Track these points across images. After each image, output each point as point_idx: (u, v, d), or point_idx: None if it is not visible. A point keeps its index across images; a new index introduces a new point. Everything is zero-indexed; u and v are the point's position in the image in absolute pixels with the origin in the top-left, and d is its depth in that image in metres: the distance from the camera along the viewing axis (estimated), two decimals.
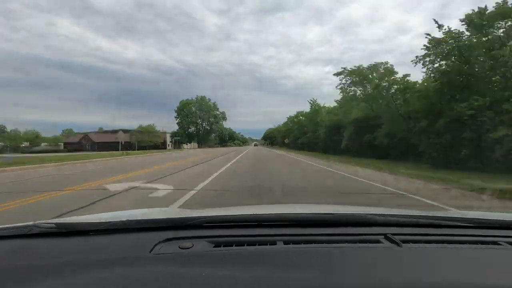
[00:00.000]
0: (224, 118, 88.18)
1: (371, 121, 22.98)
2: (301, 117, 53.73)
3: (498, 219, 1.33)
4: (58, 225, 1.09)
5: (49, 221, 1.11)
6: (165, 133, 65.14)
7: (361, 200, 6.11)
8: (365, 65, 24.84)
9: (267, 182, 8.44)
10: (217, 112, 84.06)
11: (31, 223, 1.10)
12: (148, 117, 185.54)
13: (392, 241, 1.04)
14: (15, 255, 0.96)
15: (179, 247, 0.98)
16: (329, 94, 60.60)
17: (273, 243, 1.04)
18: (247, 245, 1.02)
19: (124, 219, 1.15)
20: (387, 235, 1.09)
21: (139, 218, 1.26)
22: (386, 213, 1.38)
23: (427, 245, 1.07)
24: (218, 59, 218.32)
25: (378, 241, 1.07)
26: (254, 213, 1.34)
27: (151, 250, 0.95)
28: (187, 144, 75.50)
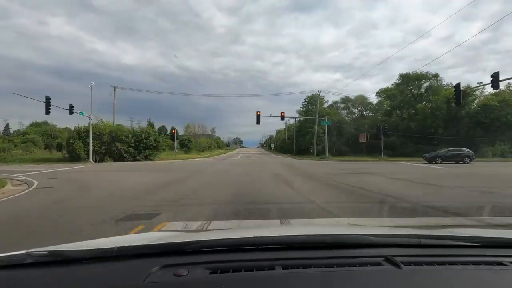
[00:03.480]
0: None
1: None
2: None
3: (501, 237, 1.32)
4: (51, 253, 1.08)
5: (42, 249, 1.10)
6: None
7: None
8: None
9: None
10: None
11: (23, 251, 1.07)
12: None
13: (393, 263, 1.03)
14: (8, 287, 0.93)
15: (174, 274, 0.96)
16: (334, 102, 60.84)
17: (271, 267, 1.02)
18: (244, 271, 1.00)
19: (119, 245, 1.14)
20: (388, 257, 1.07)
21: (134, 244, 1.23)
22: (386, 233, 1.37)
23: (430, 267, 1.05)
24: (222, 65, 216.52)
25: (378, 264, 1.05)
26: (251, 236, 1.29)
27: (145, 279, 0.93)
28: None
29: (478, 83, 18.91)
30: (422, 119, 39.53)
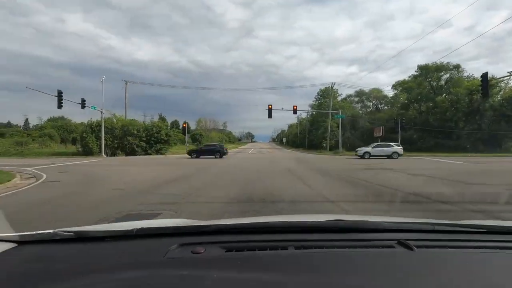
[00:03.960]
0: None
1: None
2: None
3: (509, 225, 1.31)
4: (76, 233, 1.15)
5: (69, 229, 1.17)
6: None
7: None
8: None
9: None
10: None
11: (51, 231, 1.15)
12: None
13: (406, 246, 1.03)
14: (37, 260, 1.01)
15: (191, 251, 1.01)
16: (348, 95, 59.18)
17: (285, 248, 1.05)
18: (258, 250, 1.04)
19: (139, 227, 1.18)
20: (400, 240, 1.08)
21: (152, 225, 1.29)
22: (397, 221, 1.38)
23: (442, 250, 1.06)
24: (234, 60, 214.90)
25: (391, 246, 1.06)
26: (266, 221, 1.35)
27: (165, 254, 0.98)
28: None
29: (508, 72, 17.45)
30: (442, 112, 37.67)
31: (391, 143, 26.48)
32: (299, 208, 5.77)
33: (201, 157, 24.71)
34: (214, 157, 24.57)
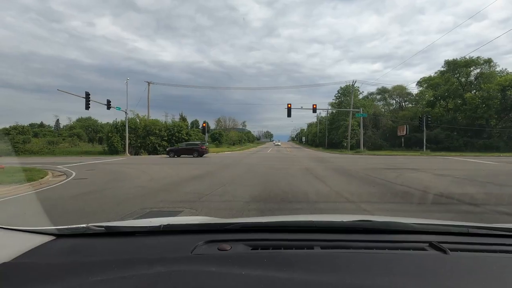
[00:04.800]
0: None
1: None
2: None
3: None
4: (107, 228, 1.21)
5: (100, 224, 1.23)
6: None
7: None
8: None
9: None
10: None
11: (84, 225, 1.22)
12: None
13: (438, 249, 1.00)
14: (72, 252, 1.06)
15: (218, 248, 1.02)
16: (370, 93, 57.61)
17: (310, 247, 1.04)
18: (284, 249, 1.04)
19: (165, 223, 1.23)
20: (432, 242, 1.04)
21: (179, 222, 1.34)
22: (427, 223, 1.33)
23: (477, 254, 1.02)
24: (256, 60, 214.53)
25: (422, 249, 1.03)
26: (292, 220, 1.34)
27: (192, 250, 1.01)
28: None
29: None
30: (471, 109, 35.65)
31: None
32: (318, 208, 5.69)
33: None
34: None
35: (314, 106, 30.87)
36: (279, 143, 58.90)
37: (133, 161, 20.48)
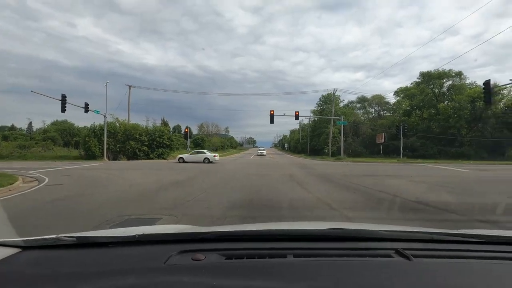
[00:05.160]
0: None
1: None
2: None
3: (508, 235, 1.29)
4: (78, 238, 1.16)
5: (71, 234, 1.18)
6: None
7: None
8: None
9: None
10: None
11: (54, 236, 1.16)
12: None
13: (403, 256, 1.04)
14: (40, 264, 1.03)
15: (192, 258, 1.02)
16: (350, 101, 59.26)
17: (283, 256, 1.06)
18: (257, 258, 1.05)
19: (140, 233, 1.20)
20: (398, 249, 1.08)
21: (153, 232, 1.30)
22: (398, 229, 1.37)
23: (439, 260, 1.05)
24: (241, 66, 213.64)
25: (388, 256, 1.07)
26: (265, 228, 1.35)
27: (165, 261, 0.99)
28: None
29: (511, 79, 17.40)
30: (444, 119, 37.60)
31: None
32: (300, 215, 5.73)
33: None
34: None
35: (297, 113, 31.33)
36: (263, 151, 49.39)
37: (112, 167, 19.77)
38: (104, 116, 29.16)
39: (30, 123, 72.87)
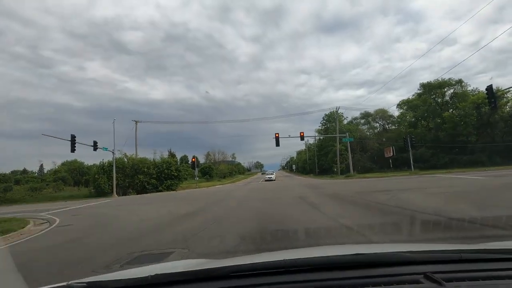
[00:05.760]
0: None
1: None
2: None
3: None
4: (90, 284, 1.12)
5: (81, 280, 1.15)
6: None
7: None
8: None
9: None
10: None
11: (65, 283, 1.13)
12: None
13: (434, 280, 0.98)
14: None
15: None
16: (354, 118, 59.59)
17: None
18: None
19: (153, 273, 1.16)
20: (427, 273, 1.02)
21: (166, 271, 1.26)
22: (424, 249, 1.30)
23: (473, 282, 0.98)
24: (245, 92, 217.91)
25: (417, 281, 1.00)
26: (282, 259, 1.26)
27: None
28: None
29: None
30: (451, 127, 37.19)
31: None
32: (318, 242, 5.51)
33: None
34: None
35: (302, 134, 31.41)
36: (271, 176, 41.82)
37: (122, 202, 19.73)
38: (113, 153, 29.67)
39: (41, 165, 74.18)
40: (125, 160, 32.75)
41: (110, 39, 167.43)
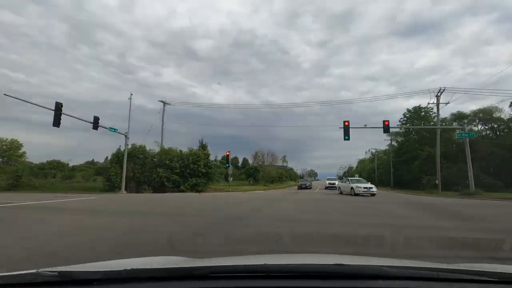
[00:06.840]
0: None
1: None
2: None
3: None
4: (61, 273, 1.07)
5: (53, 269, 1.08)
6: None
7: None
8: None
9: None
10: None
11: (34, 271, 1.07)
12: None
13: None
14: None
15: None
16: (443, 118, 44.66)
17: None
18: None
19: (129, 267, 1.09)
20: None
21: (143, 267, 1.19)
22: (401, 265, 1.30)
23: None
24: (305, 99, 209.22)
25: None
26: (262, 263, 1.25)
27: None
28: None
29: None
30: None
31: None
32: None
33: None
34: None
35: (386, 122, 20.74)
36: (335, 183, 31.52)
37: (108, 204, 12.35)
38: (125, 136, 23.23)
39: (107, 157, 76.22)
40: (147, 149, 26.26)
41: (184, 47, 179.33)
